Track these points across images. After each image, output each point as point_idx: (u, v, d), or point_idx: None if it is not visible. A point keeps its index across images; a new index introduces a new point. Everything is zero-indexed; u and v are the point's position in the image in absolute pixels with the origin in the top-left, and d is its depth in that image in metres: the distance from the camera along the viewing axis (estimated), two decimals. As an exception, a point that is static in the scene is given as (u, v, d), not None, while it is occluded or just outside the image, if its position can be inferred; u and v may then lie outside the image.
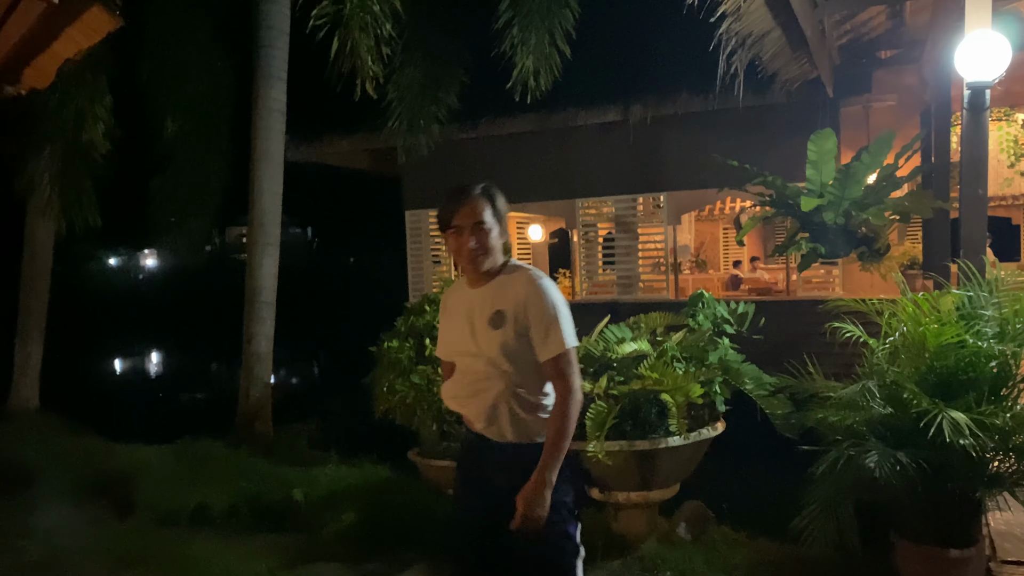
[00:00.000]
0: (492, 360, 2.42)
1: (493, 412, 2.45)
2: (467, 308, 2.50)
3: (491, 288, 2.47)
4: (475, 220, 2.41)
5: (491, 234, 2.43)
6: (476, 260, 2.43)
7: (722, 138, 8.85)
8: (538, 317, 2.39)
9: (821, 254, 6.40)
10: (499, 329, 2.40)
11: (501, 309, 2.41)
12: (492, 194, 2.49)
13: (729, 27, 5.63)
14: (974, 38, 3.98)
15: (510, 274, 2.48)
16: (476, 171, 10.84)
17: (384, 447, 6.03)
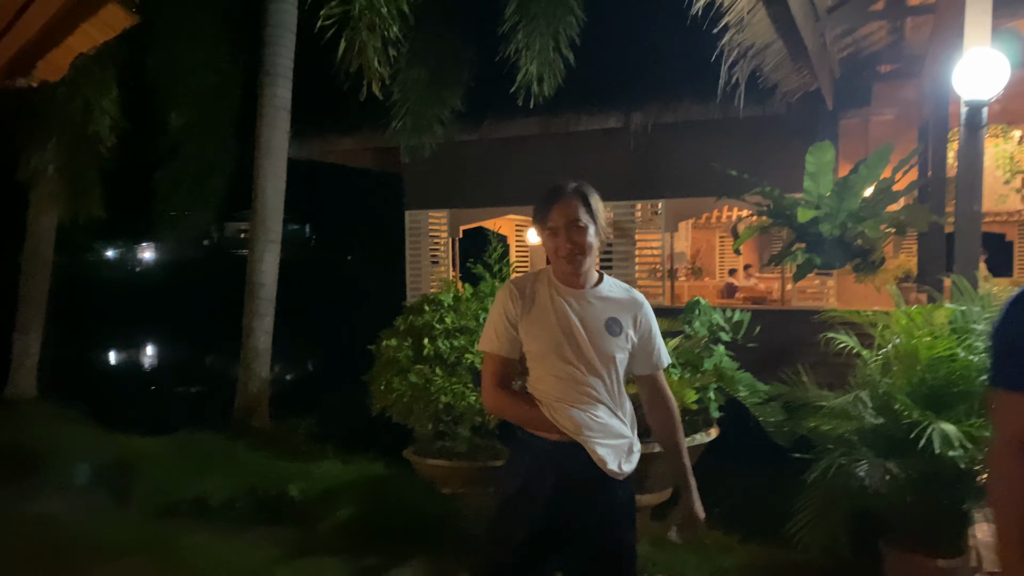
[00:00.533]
0: (598, 366, 2.36)
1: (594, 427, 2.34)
2: (569, 306, 2.41)
3: (599, 294, 2.45)
4: (570, 219, 2.38)
5: (588, 232, 2.39)
6: (574, 260, 2.38)
7: (722, 147, 8.92)
8: (653, 328, 2.49)
9: (817, 265, 6.47)
10: (616, 336, 2.40)
11: (616, 318, 2.42)
12: (585, 192, 2.45)
13: (732, 38, 5.69)
14: (972, 56, 4.05)
15: (617, 286, 2.51)
16: (477, 173, 10.98)
17: (380, 444, 6.08)
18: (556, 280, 2.45)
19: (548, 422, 2.38)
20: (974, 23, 4.16)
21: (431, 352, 5.63)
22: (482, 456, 5.89)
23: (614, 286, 2.49)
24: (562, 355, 2.37)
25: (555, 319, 2.40)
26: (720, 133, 9.10)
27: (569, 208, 2.38)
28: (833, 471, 3.57)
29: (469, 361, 5.58)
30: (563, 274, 2.43)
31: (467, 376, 5.56)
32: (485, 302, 5.94)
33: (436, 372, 5.56)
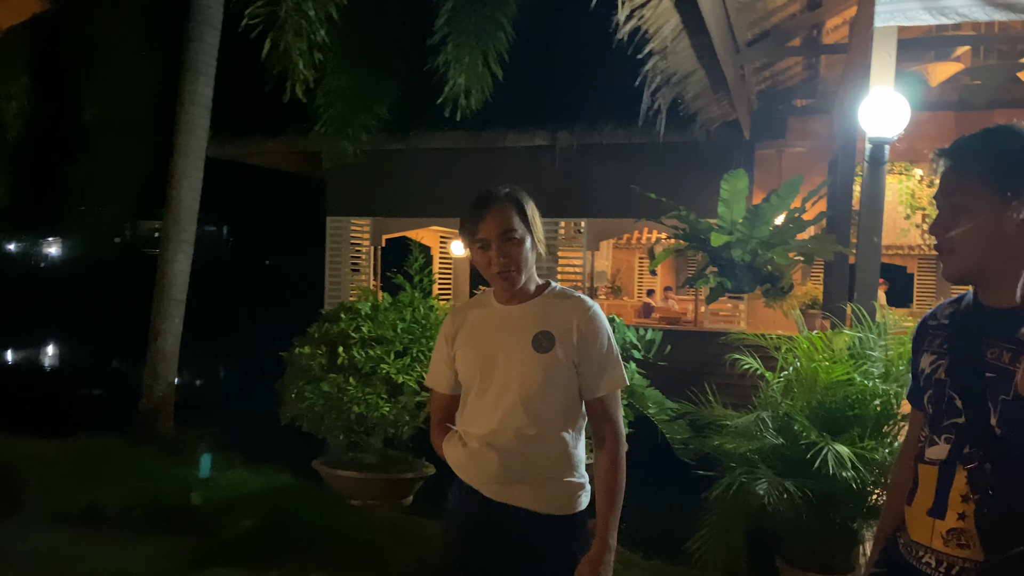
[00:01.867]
0: (527, 391, 2.05)
1: (524, 464, 2.06)
2: (494, 326, 2.14)
3: (533, 307, 2.12)
4: (502, 230, 2.06)
5: (523, 245, 2.08)
6: (509, 276, 2.07)
7: (642, 170, 9.12)
8: (594, 347, 2.08)
9: (728, 289, 6.67)
10: (545, 353, 2.05)
11: (548, 331, 2.07)
12: (519, 199, 2.14)
13: (655, 65, 5.85)
14: (876, 96, 4.26)
15: (557, 296, 2.15)
16: (402, 182, 10.92)
17: (290, 454, 5.96)
18: (493, 299, 2.18)
19: None
20: (880, 64, 4.38)
21: (345, 361, 5.56)
22: (394, 468, 5.84)
23: (555, 295, 2.15)
24: (481, 382, 2.11)
25: (481, 343, 2.14)
26: (642, 157, 9.31)
27: (502, 218, 2.08)
28: (734, 489, 3.68)
29: (384, 372, 5.53)
30: (500, 292, 2.16)
31: (381, 387, 5.51)
32: (403, 312, 5.91)
33: (350, 382, 5.49)
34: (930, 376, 1.63)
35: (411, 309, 5.93)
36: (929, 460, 1.60)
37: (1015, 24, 7.28)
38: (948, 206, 1.53)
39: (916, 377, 1.71)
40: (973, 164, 1.52)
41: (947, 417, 1.57)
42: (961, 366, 1.57)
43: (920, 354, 1.69)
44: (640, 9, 4.93)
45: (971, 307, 1.61)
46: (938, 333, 1.66)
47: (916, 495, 1.62)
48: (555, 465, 2.09)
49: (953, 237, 1.52)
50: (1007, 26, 7.27)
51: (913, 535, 1.62)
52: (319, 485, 5.69)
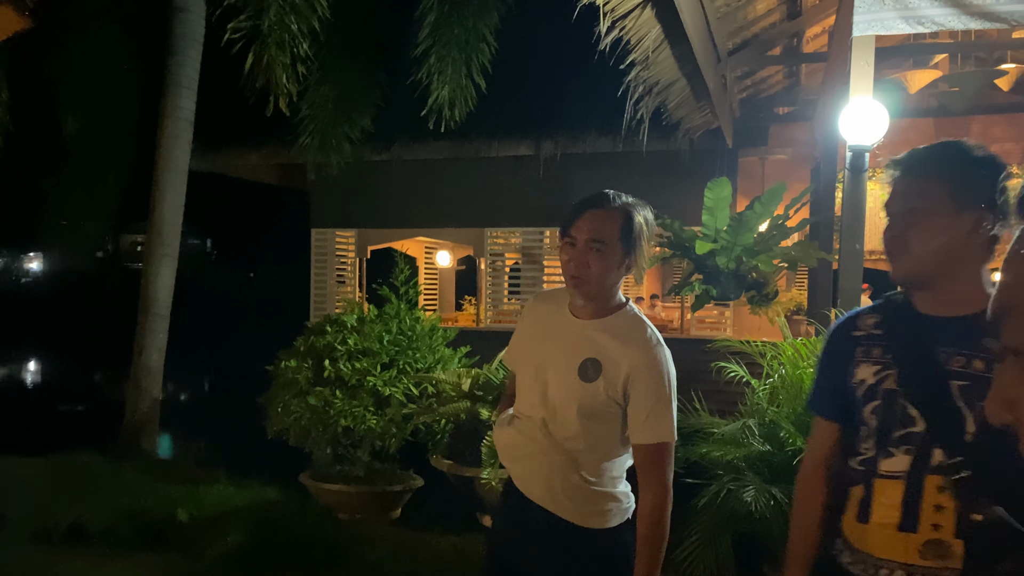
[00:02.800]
0: (561, 415, 1.96)
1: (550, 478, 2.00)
2: (556, 332, 2.02)
3: (595, 328, 1.97)
4: (593, 236, 1.91)
5: (607, 257, 1.91)
6: (578, 283, 1.94)
7: (626, 179, 9.08)
8: (647, 392, 1.91)
9: (713, 296, 6.68)
10: (587, 383, 1.92)
11: (597, 359, 1.93)
12: (630, 211, 1.96)
13: (638, 75, 5.87)
14: (856, 105, 4.30)
15: (625, 324, 1.98)
16: (386, 193, 10.91)
17: (275, 468, 5.92)
18: (568, 304, 2.05)
19: None
20: (859, 73, 4.42)
21: (332, 374, 5.55)
22: (381, 481, 5.82)
23: (622, 324, 1.98)
24: (530, 379, 2.04)
25: (541, 341, 2.05)
26: (625, 165, 9.35)
27: (598, 222, 1.93)
28: (722, 497, 3.69)
29: (371, 384, 5.52)
30: (572, 297, 2.02)
31: (368, 399, 5.49)
32: (390, 324, 5.90)
33: (336, 395, 5.48)
34: (875, 387, 1.62)
35: (397, 321, 5.93)
36: (888, 473, 1.58)
37: (991, 32, 7.38)
38: (907, 210, 1.59)
39: (843, 389, 1.68)
40: (933, 172, 1.59)
41: (900, 427, 1.57)
42: (918, 376, 1.57)
43: (852, 365, 1.67)
44: (622, 20, 4.95)
45: (909, 315, 1.63)
46: (872, 343, 1.66)
47: (874, 510, 1.59)
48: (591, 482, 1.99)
49: (910, 238, 1.57)
50: (983, 33, 7.36)
51: (876, 552, 1.58)
52: (306, 499, 5.65)
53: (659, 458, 1.93)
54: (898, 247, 1.60)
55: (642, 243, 1.97)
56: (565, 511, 1.99)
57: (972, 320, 1.52)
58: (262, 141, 10.82)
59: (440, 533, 4.78)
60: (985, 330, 1.50)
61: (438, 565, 4.32)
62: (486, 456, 4.49)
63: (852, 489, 1.64)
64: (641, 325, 1.99)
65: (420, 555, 4.46)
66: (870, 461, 1.61)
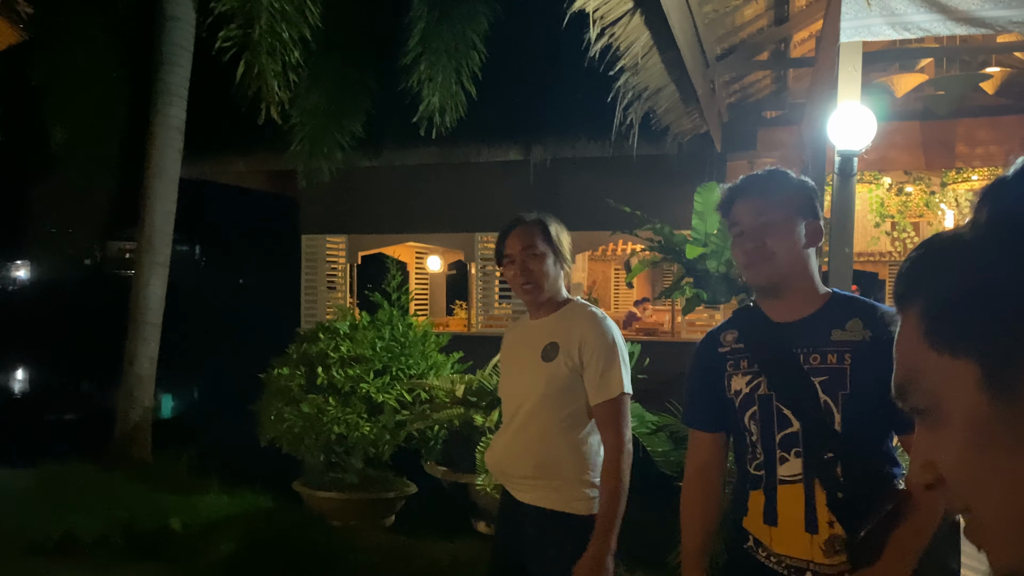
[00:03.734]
0: (533, 399, 2.26)
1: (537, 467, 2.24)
2: (522, 338, 2.39)
3: (551, 320, 2.32)
4: (523, 247, 2.29)
5: (544, 261, 2.28)
6: (529, 291, 2.30)
7: (616, 184, 9.19)
8: (596, 354, 2.21)
9: (704, 299, 6.71)
10: (550, 362, 2.24)
11: (555, 341, 2.25)
12: (545, 221, 2.36)
13: (627, 81, 5.91)
14: (844, 110, 4.33)
15: (574, 310, 2.33)
16: (376, 199, 10.91)
17: (268, 477, 5.91)
18: (527, 316, 2.43)
19: None
20: (846, 79, 4.46)
21: (324, 381, 5.55)
22: (375, 488, 5.82)
23: (570, 310, 2.33)
24: (505, 389, 2.40)
25: (511, 355, 2.43)
26: (615, 170, 9.38)
27: (525, 236, 2.31)
28: (715, 500, 3.70)
29: (364, 391, 5.52)
30: (529, 307, 2.38)
31: (361, 406, 5.50)
32: (382, 331, 5.91)
33: (329, 402, 5.48)
34: (751, 395, 1.76)
35: (390, 327, 5.93)
36: (787, 479, 1.70)
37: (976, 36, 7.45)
38: (761, 224, 1.76)
39: (719, 401, 1.83)
40: (776, 191, 1.83)
41: (780, 429, 1.71)
42: (785, 379, 1.72)
43: (726, 378, 1.82)
44: (611, 27, 4.98)
45: (764, 325, 1.80)
46: (739, 356, 1.82)
47: (780, 514, 1.71)
48: (567, 467, 2.23)
49: (769, 246, 1.74)
50: (968, 38, 7.43)
51: (788, 552, 1.70)
52: (299, 507, 5.65)
53: (616, 412, 2.21)
54: (758, 255, 1.75)
55: (562, 241, 2.34)
56: (550, 501, 2.22)
57: (814, 320, 1.74)
58: (252, 148, 10.80)
59: (434, 539, 4.79)
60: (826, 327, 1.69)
61: (432, 571, 4.32)
62: (480, 462, 4.50)
63: (752, 493, 1.78)
64: (588, 307, 2.33)
65: (414, 562, 4.46)
66: (767, 467, 1.74)
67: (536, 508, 2.24)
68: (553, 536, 2.21)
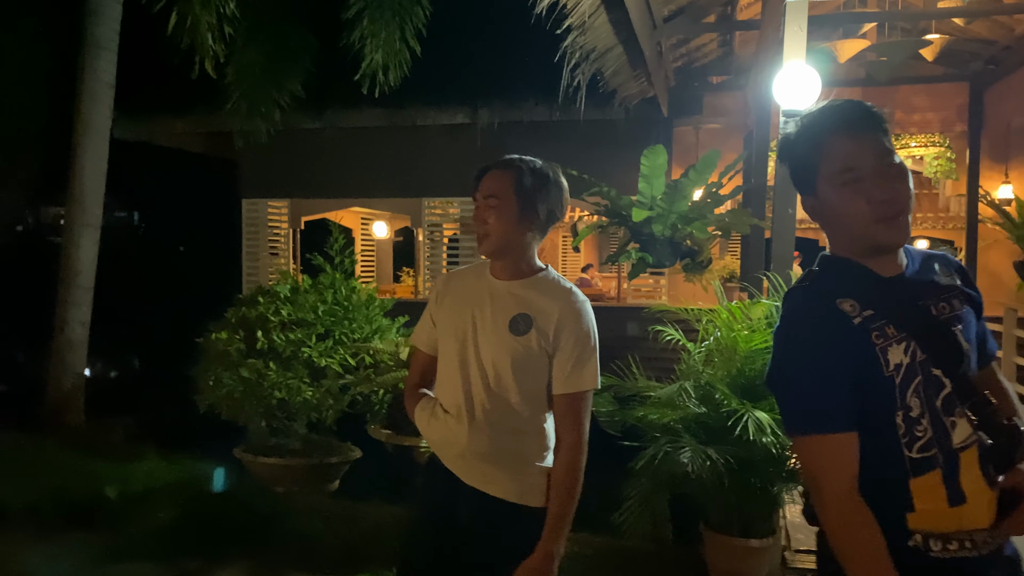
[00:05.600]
0: (496, 371, 2.01)
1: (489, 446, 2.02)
2: (479, 297, 2.07)
3: (521, 286, 2.04)
4: (486, 193, 2.01)
5: (501, 211, 1.99)
6: (480, 240, 2.04)
7: (563, 148, 9.12)
8: (574, 341, 1.99)
9: (649, 264, 6.75)
10: (519, 336, 1.99)
11: (527, 314, 2.00)
12: (522, 167, 2.02)
13: (574, 41, 5.84)
14: (789, 69, 4.35)
15: (549, 282, 2.06)
16: (319, 162, 10.68)
17: (208, 443, 5.79)
18: (488, 270, 2.11)
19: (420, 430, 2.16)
20: (792, 38, 4.47)
21: (265, 346, 5.43)
22: (318, 453, 5.74)
23: (547, 282, 2.06)
24: (457, 351, 2.06)
25: (463, 310, 2.08)
26: (562, 134, 9.33)
27: (492, 182, 2.02)
28: (659, 459, 3.72)
29: (306, 355, 5.42)
30: (490, 261, 2.10)
31: (303, 371, 5.40)
32: (325, 294, 5.79)
33: (270, 367, 5.36)
34: (913, 365, 1.48)
35: (332, 291, 5.82)
36: (962, 445, 1.48)
37: (917, 1, 7.56)
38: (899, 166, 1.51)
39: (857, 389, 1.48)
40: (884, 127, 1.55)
41: (937, 395, 1.48)
42: (933, 337, 1.50)
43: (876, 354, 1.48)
44: (558, -17, 4.90)
45: (883, 285, 1.52)
46: (880, 323, 1.49)
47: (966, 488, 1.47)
48: (524, 450, 2.03)
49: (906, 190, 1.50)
50: (910, 3, 7.53)
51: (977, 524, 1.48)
52: (241, 473, 5.55)
53: (580, 406, 2.00)
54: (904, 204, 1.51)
55: (538, 196, 2.01)
56: (504, 490, 2.01)
57: (915, 270, 1.55)
58: (188, 108, 10.43)
59: (379, 503, 4.74)
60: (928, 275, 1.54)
61: (376, 535, 4.28)
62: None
63: (917, 481, 1.48)
64: (564, 283, 2.07)
65: (358, 525, 4.42)
66: (939, 441, 1.47)
67: (483, 494, 2.02)
68: (498, 526, 2.02)
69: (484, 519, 2.02)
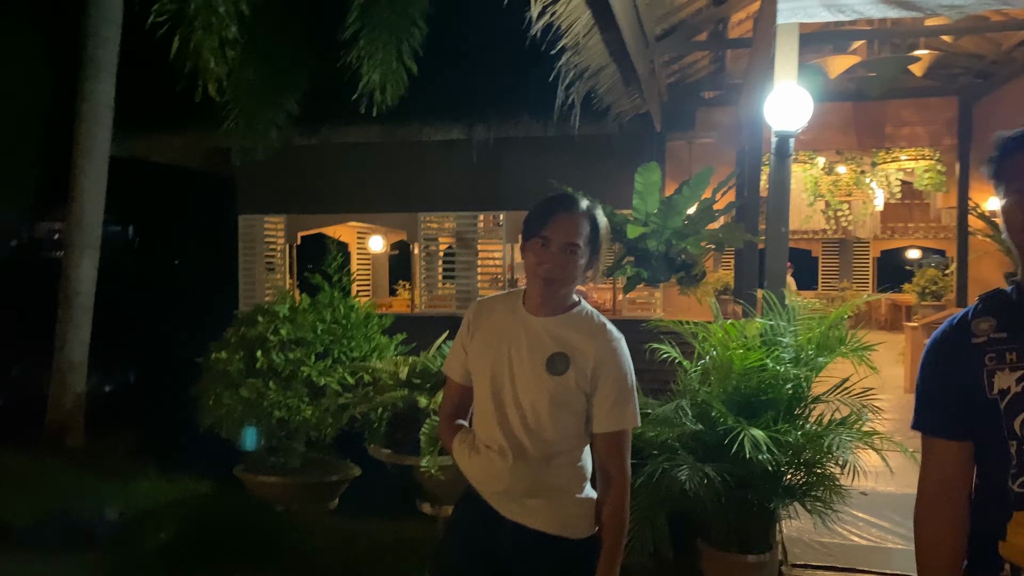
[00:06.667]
0: (535, 411, 2.01)
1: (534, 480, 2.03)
2: (515, 333, 2.07)
3: (556, 324, 2.05)
4: (569, 239, 2.00)
5: (578, 260, 2.02)
6: (552, 283, 2.02)
7: (558, 163, 9.19)
8: (614, 382, 2.01)
9: (644, 278, 6.80)
10: (557, 376, 2.00)
11: (565, 353, 2.01)
12: (595, 216, 2.07)
13: (568, 60, 5.91)
14: (780, 91, 4.42)
15: (584, 319, 2.08)
16: (317, 179, 10.74)
17: (209, 462, 5.81)
18: (522, 302, 2.11)
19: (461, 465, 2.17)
20: (783, 60, 4.54)
21: (264, 365, 5.47)
22: (318, 471, 5.77)
23: (582, 319, 2.08)
24: (492, 388, 2.07)
25: (497, 345, 2.08)
26: (557, 150, 9.39)
27: (574, 226, 2.01)
28: (657, 476, 3.77)
29: (305, 374, 5.46)
30: (532, 295, 2.09)
31: (303, 390, 5.44)
32: (323, 313, 5.83)
33: (269, 386, 5.40)
34: (1021, 395, 1.47)
35: (331, 309, 5.86)
36: None
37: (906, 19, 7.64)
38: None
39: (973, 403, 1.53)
40: None
41: None
42: None
43: (983, 376, 1.51)
44: (552, 5, 4.97)
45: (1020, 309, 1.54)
46: (1003, 347, 1.51)
47: None
48: (564, 482, 2.07)
49: None
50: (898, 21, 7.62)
51: None
52: (241, 492, 5.57)
53: (622, 445, 2.04)
54: None
55: (603, 247, 2.08)
56: (544, 522, 2.04)
57: None
58: (187, 126, 10.46)
59: (378, 521, 4.78)
60: None
61: (376, 552, 4.32)
62: (424, 444, 4.49)
63: (1017, 515, 1.47)
64: (600, 320, 2.09)
65: (357, 543, 4.46)
66: None
67: (523, 527, 2.05)
68: (540, 558, 2.04)
69: (526, 552, 2.05)
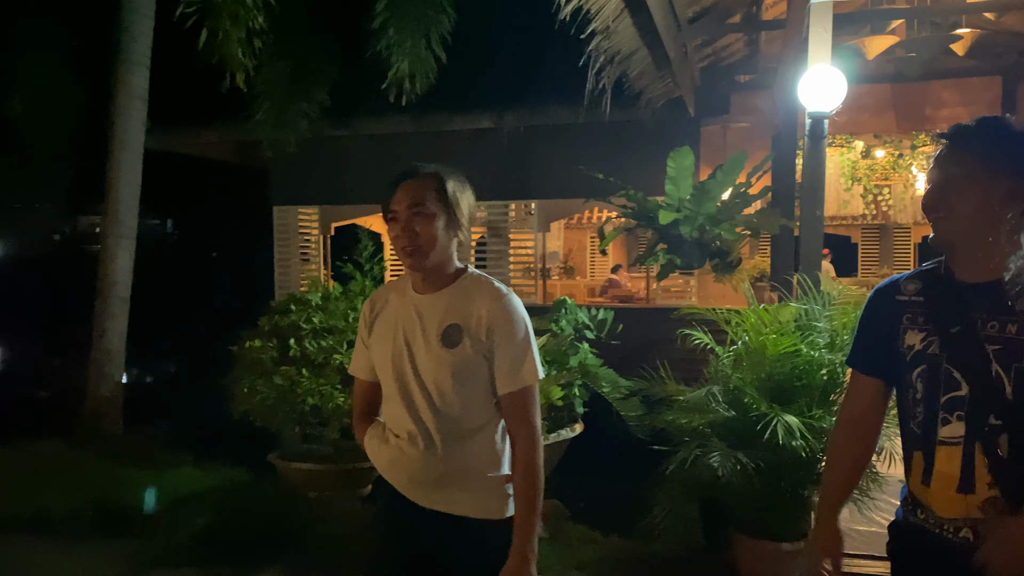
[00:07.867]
0: (439, 389, 1.96)
1: (446, 465, 1.97)
2: (407, 316, 2.02)
3: (446, 296, 2.00)
4: (411, 204, 1.95)
5: (433, 224, 1.95)
6: (412, 255, 1.95)
7: (589, 150, 9.13)
8: (506, 340, 1.95)
9: (678, 265, 6.74)
10: (454, 348, 1.95)
11: (456, 323, 1.96)
12: (443, 176, 2.02)
13: (599, 45, 5.84)
14: (814, 72, 4.32)
15: (471, 283, 2.02)
16: (348, 170, 10.79)
17: (242, 450, 5.88)
18: (410, 285, 2.06)
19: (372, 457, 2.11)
20: (817, 40, 4.44)
21: (297, 353, 5.50)
22: (350, 458, 5.80)
23: (467, 284, 2.02)
24: (395, 375, 2.01)
25: (394, 332, 2.02)
26: (588, 137, 9.32)
27: (414, 191, 1.96)
28: (688, 463, 3.72)
29: (338, 362, 5.48)
30: (414, 276, 2.03)
31: (335, 377, 5.46)
32: (355, 301, 5.85)
33: (303, 373, 5.43)
34: (922, 352, 1.71)
35: (363, 298, 5.88)
36: (947, 440, 1.67)
37: (946, -3, 7.44)
38: (944, 177, 1.66)
39: (888, 350, 1.78)
40: (970, 143, 1.66)
41: (946, 391, 1.67)
42: (960, 341, 1.66)
43: (900, 330, 1.76)
44: (581, -12, 4.91)
45: (948, 283, 1.72)
46: (915, 309, 1.75)
47: (935, 475, 1.69)
48: (480, 463, 2.00)
49: (949, 200, 1.64)
50: None
51: (942, 512, 1.70)
52: (274, 479, 5.62)
53: (526, 403, 1.97)
54: (944, 206, 1.67)
55: (460, 203, 2.02)
56: (465, 508, 1.99)
57: (1000, 285, 1.63)
58: (221, 119, 10.59)
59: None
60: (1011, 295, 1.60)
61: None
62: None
63: (914, 453, 1.75)
64: (487, 280, 2.03)
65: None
66: (927, 427, 1.70)
67: (443, 514, 1.99)
68: (465, 545, 1.98)
69: (451, 540, 1.99)
